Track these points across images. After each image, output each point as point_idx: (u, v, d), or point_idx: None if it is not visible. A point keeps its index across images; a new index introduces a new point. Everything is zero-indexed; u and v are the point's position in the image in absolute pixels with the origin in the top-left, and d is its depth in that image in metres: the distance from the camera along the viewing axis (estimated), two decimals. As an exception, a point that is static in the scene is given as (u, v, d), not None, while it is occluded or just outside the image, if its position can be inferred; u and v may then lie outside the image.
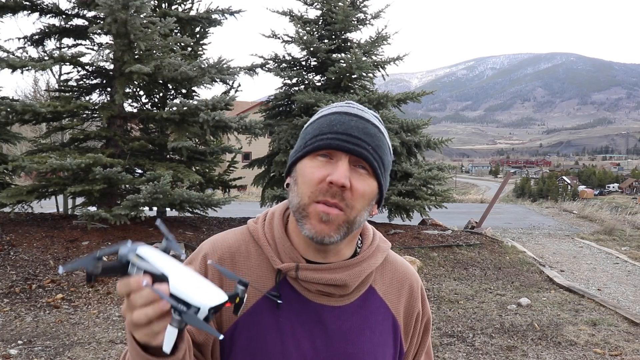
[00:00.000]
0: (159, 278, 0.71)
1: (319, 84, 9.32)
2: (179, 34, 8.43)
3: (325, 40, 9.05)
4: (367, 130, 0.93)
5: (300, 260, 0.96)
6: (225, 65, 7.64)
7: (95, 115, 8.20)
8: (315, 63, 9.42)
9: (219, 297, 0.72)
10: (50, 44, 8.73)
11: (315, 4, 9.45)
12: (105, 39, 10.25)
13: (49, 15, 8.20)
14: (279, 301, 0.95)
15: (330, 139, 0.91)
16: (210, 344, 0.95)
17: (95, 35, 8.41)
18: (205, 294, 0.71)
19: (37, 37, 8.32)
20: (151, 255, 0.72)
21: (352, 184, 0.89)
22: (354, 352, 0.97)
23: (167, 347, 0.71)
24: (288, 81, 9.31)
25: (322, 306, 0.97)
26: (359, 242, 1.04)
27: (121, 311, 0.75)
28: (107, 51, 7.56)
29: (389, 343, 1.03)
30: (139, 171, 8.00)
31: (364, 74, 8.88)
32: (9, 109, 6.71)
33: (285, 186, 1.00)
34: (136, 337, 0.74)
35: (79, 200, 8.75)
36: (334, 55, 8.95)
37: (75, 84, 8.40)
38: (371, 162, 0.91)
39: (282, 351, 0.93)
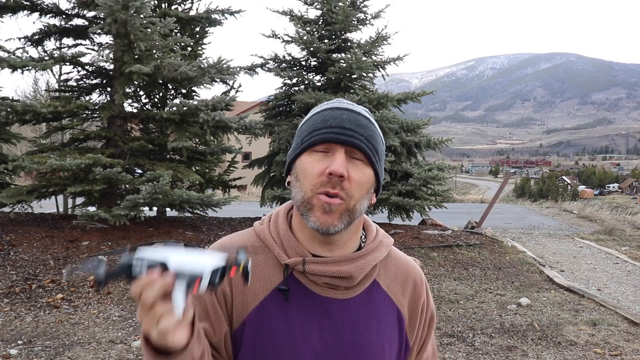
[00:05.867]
0: (162, 267, 0.74)
1: (319, 84, 9.31)
2: (178, 34, 8.42)
3: (325, 40, 9.05)
4: (358, 122, 0.97)
5: (307, 255, 0.99)
6: (225, 65, 7.64)
7: (95, 115, 8.19)
8: (315, 63, 9.42)
9: (218, 261, 0.76)
10: (50, 44, 8.75)
11: (315, 4, 9.44)
12: (105, 39, 10.27)
13: (49, 15, 8.20)
14: (286, 290, 0.98)
15: (325, 133, 0.95)
16: (224, 343, 0.99)
17: (95, 35, 8.41)
18: (205, 262, 0.74)
19: (37, 37, 8.32)
20: (149, 252, 0.76)
21: (349, 174, 0.93)
22: (362, 342, 1.00)
23: (178, 312, 0.74)
24: (288, 81, 9.30)
25: (329, 299, 1.00)
26: (363, 236, 1.07)
27: (137, 317, 0.79)
28: (107, 51, 7.56)
29: (394, 335, 1.06)
30: (139, 171, 8.00)
31: (364, 74, 8.88)
32: (9, 109, 6.71)
33: (286, 184, 1.03)
34: (152, 335, 0.76)
35: (79, 200, 8.75)
36: (334, 55, 8.95)
37: (75, 84, 8.40)
38: (365, 151, 0.95)
39: (292, 343, 0.96)
